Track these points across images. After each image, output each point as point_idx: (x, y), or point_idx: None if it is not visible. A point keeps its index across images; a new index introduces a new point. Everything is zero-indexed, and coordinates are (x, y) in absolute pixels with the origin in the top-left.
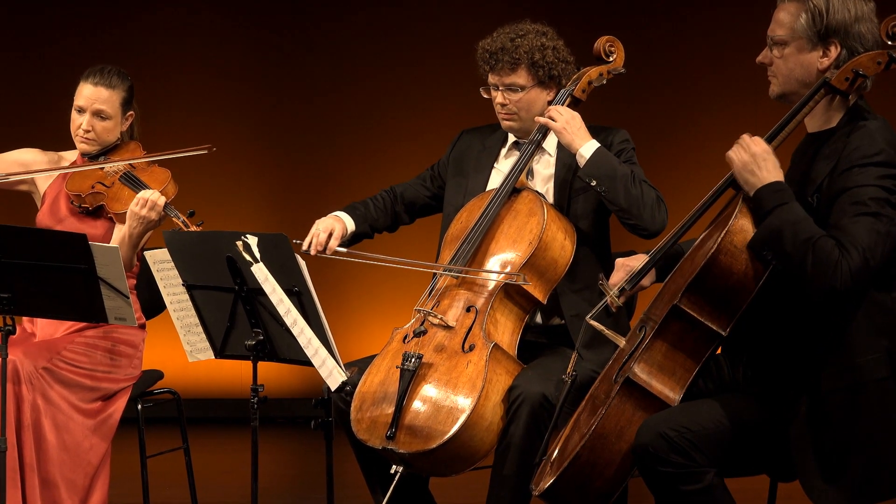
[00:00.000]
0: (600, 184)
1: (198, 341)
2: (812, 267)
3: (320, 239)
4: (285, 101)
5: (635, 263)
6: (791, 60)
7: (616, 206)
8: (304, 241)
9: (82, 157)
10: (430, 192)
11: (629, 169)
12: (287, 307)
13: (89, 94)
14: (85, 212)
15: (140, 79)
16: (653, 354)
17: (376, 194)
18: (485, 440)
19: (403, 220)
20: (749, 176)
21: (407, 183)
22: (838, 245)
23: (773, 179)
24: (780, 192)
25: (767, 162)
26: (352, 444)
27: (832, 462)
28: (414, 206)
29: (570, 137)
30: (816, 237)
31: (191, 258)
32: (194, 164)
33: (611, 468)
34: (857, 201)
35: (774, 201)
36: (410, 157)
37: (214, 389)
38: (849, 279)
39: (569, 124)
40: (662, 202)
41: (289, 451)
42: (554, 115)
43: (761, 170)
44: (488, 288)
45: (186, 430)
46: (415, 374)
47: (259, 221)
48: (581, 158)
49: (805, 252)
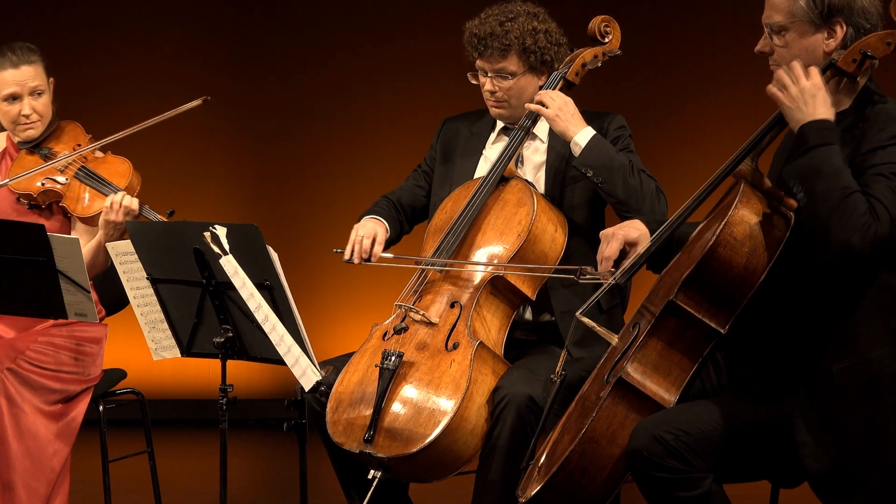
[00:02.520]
0: (597, 174)
1: (163, 338)
2: (839, 218)
3: (364, 245)
4: (256, 82)
5: (630, 231)
6: (794, 47)
7: (614, 198)
8: (345, 250)
9: (17, 148)
10: (426, 192)
11: (627, 158)
12: (258, 302)
13: (17, 78)
14: (36, 209)
15: (98, 59)
16: (647, 353)
17: (377, 202)
18: (468, 444)
19: (405, 229)
20: (795, 110)
21: (399, 188)
22: (871, 209)
23: (823, 116)
24: (827, 130)
25: (817, 98)
26: (327, 447)
27: (851, 466)
28: (414, 210)
29: (563, 125)
30: (853, 190)
31: (155, 250)
32: (158, 150)
33: (602, 473)
34: (882, 174)
35: (820, 139)
36: (390, 140)
37: (180, 390)
38: (869, 243)
39: (562, 111)
40: (662, 193)
41: (260, 455)
42: (546, 101)
43: (808, 105)
44: (474, 282)
45: (151, 433)
46: (395, 373)
47: (228, 210)
48: (576, 147)
49: (837, 200)
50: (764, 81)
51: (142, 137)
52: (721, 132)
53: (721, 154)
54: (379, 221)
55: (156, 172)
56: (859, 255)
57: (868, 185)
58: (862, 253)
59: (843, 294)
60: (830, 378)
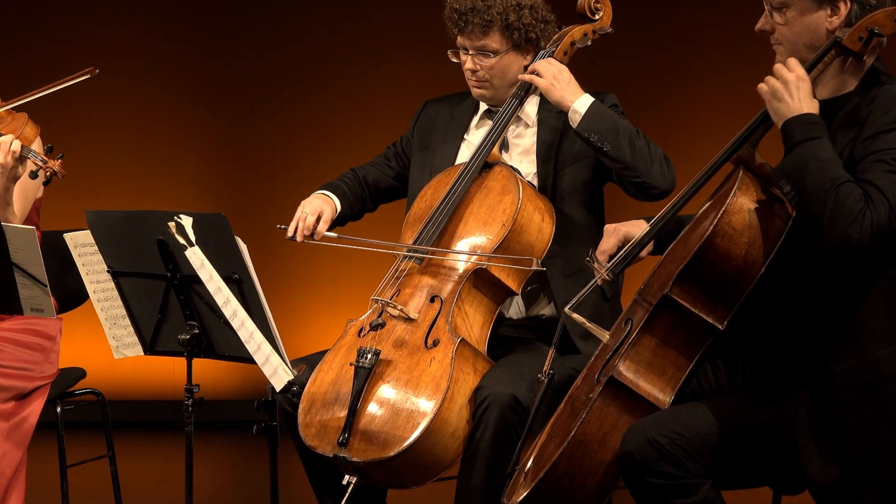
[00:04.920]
0: (602, 139)
1: (125, 335)
2: (831, 211)
3: (308, 223)
4: (222, 61)
5: (632, 230)
6: (796, 25)
7: (621, 163)
8: (289, 226)
9: None
10: (395, 173)
11: (630, 123)
12: (226, 297)
13: None
14: None
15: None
16: (640, 351)
17: (343, 174)
18: (449, 447)
19: (368, 206)
20: (778, 104)
21: (368, 163)
22: (865, 196)
23: (807, 110)
24: (812, 124)
25: (801, 90)
26: (299, 451)
27: (854, 473)
28: (378, 189)
29: (559, 94)
30: (843, 180)
31: (116, 241)
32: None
33: (593, 479)
34: (882, 160)
35: (805, 134)
36: (366, 124)
37: (143, 390)
38: (868, 234)
39: (557, 79)
40: (669, 161)
41: (228, 459)
42: (540, 70)
43: (793, 98)
44: (456, 275)
45: (112, 436)
46: (371, 372)
47: (194, 199)
48: (575, 115)
49: (827, 193)
50: (765, 61)
51: (100, 121)
52: (719, 115)
53: (719, 138)
54: (327, 198)
55: (116, 159)
56: (859, 247)
57: (866, 172)
58: (861, 244)
59: (847, 289)
60: (832, 379)
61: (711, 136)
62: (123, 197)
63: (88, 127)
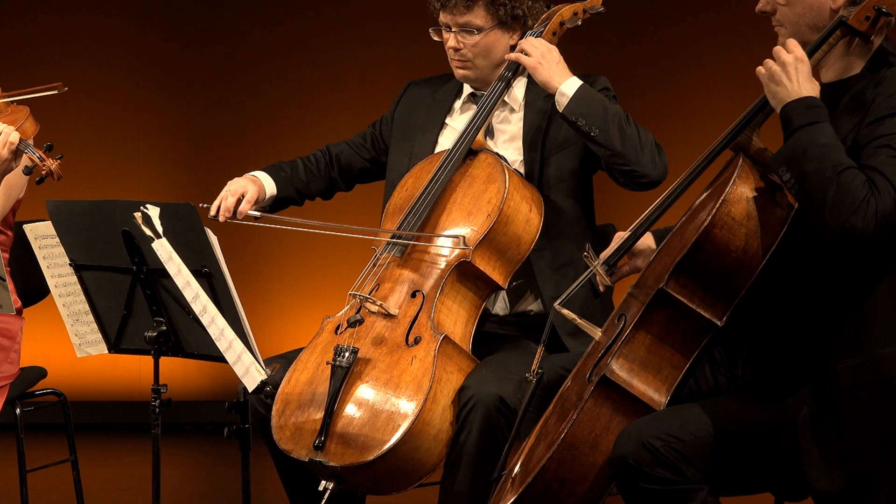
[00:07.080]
0: (589, 124)
1: (88, 332)
2: (834, 199)
3: (228, 203)
4: (188, 41)
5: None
6: (798, 4)
7: (609, 150)
8: (212, 206)
9: None
10: (369, 156)
11: (620, 108)
12: (195, 292)
13: None
14: None
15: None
16: (634, 348)
17: (310, 154)
18: (432, 451)
19: (339, 186)
20: (776, 88)
21: (344, 142)
22: (869, 183)
23: (807, 93)
24: (812, 108)
25: (800, 72)
26: (272, 455)
27: (859, 475)
28: (350, 170)
29: (546, 74)
30: (846, 166)
31: (80, 232)
32: (80, 121)
33: (584, 484)
34: (887, 144)
35: (805, 118)
36: (341, 107)
37: (108, 390)
38: (872, 221)
39: (545, 58)
40: (661, 148)
41: (197, 463)
42: (527, 49)
43: (791, 81)
44: (438, 269)
45: (74, 439)
46: (349, 371)
47: (161, 188)
48: (562, 97)
49: (829, 180)
50: (766, 43)
51: (60, 105)
52: (718, 100)
53: (717, 124)
54: (255, 179)
55: (80, 147)
56: (863, 236)
57: (871, 157)
58: (866, 233)
59: (852, 282)
60: (836, 378)
61: (709, 122)
62: (86, 186)
63: (48, 111)
